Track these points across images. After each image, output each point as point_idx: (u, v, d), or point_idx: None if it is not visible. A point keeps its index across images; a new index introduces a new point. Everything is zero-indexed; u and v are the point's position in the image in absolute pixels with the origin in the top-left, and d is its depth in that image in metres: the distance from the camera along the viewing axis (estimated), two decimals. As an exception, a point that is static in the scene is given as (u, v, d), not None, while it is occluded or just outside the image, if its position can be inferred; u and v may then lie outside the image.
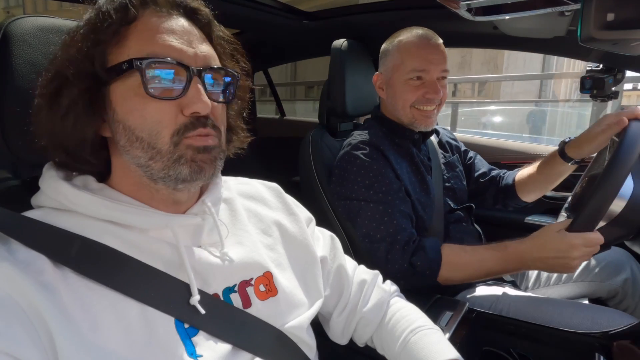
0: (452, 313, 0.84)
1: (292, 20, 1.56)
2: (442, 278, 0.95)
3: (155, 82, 0.46)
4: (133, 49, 0.46)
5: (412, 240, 0.97)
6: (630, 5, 0.63)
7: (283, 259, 0.63)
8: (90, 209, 0.48)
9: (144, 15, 0.48)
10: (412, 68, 1.05)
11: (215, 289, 0.54)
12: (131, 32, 0.47)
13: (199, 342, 0.49)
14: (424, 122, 1.09)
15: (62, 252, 0.45)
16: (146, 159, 0.48)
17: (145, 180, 0.50)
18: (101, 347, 0.43)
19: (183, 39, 0.48)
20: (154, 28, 0.47)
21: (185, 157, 0.48)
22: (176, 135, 0.48)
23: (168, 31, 0.48)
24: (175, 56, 0.47)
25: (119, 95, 0.47)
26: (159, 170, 0.48)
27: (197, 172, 0.49)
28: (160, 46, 0.47)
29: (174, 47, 0.47)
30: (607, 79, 1.14)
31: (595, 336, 0.82)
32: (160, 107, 0.47)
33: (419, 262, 0.94)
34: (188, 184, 0.50)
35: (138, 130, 0.47)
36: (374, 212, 1.00)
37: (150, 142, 0.47)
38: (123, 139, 0.48)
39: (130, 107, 0.47)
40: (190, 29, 0.50)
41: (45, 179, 0.50)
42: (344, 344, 0.74)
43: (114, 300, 0.45)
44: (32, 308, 0.41)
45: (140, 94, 0.46)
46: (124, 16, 0.46)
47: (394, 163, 1.06)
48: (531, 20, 1.05)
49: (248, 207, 0.65)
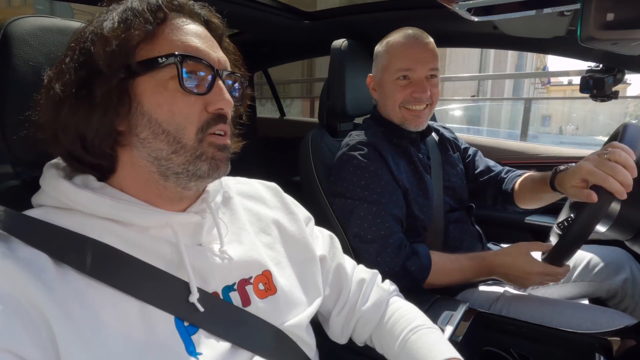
0: (452, 313, 0.84)
1: (292, 20, 1.56)
2: (427, 283, 0.98)
3: (189, 77, 0.49)
4: (165, 46, 0.49)
5: (404, 245, 0.98)
6: (630, 5, 0.63)
7: (282, 257, 0.64)
8: (91, 207, 0.48)
9: (172, 18, 0.51)
10: (399, 67, 1.05)
11: (215, 287, 0.54)
12: (161, 31, 0.50)
13: (198, 340, 0.50)
14: (414, 121, 1.09)
15: (62, 251, 0.45)
16: (169, 152, 0.49)
17: (155, 177, 0.51)
18: (102, 345, 0.43)
19: (207, 43, 0.52)
20: (183, 30, 0.51)
21: (206, 154, 0.51)
22: (200, 132, 0.50)
23: (195, 34, 0.51)
24: (204, 56, 0.50)
25: (148, 89, 0.48)
26: (179, 164, 0.50)
27: (215, 170, 0.52)
28: (190, 46, 0.50)
29: (201, 49, 0.51)
30: (607, 79, 1.14)
31: (595, 336, 0.82)
32: (188, 102, 0.49)
33: (413, 267, 0.96)
34: (202, 180, 0.52)
35: (165, 123, 0.48)
36: (366, 213, 1.00)
37: (176, 136, 0.49)
38: (146, 131, 0.49)
39: (159, 100, 0.48)
40: (209, 34, 0.55)
41: (46, 177, 0.51)
42: (343, 343, 0.74)
43: (114, 298, 0.46)
44: (33, 306, 0.41)
45: (171, 89, 0.48)
46: (157, 16, 0.49)
47: (392, 163, 1.06)
48: (531, 20, 1.05)
49: (247, 206, 0.65)
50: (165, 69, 0.48)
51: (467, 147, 1.34)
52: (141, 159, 0.50)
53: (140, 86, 0.48)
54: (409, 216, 1.06)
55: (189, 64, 0.49)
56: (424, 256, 0.98)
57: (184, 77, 0.48)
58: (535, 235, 1.60)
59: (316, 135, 1.22)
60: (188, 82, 0.49)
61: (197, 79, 0.50)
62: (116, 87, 0.47)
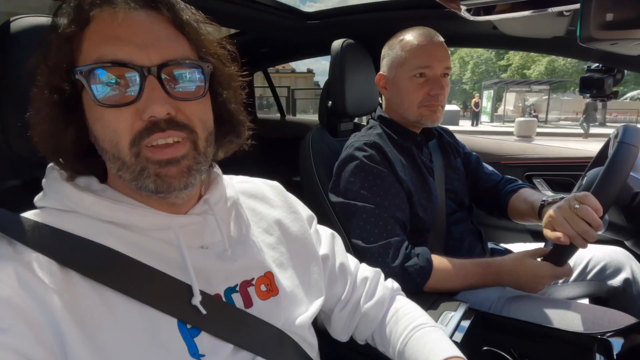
0: (452, 313, 0.84)
1: (292, 20, 1.56)
2: (427, 287, 0.97)
3: (102, 89, 0.43)
4: (83, 55, 0.44)
5: (405, 247, 0.98)
6: (630, 5, 0.63)
7: (284, 258, 0.63)
8: (93, 210, 0.48)
9: (98, 17, 0.44)
10: (417, 65, 1.06)
11: (217, 289, 0.54)
12: (85, 36, 0.44)
13: (201, 342, 0.49)
14: (431, 117, 1.09)
15: (67, 255, 0.45)
16: (115, 169, 0.47)
17: (133, 186, 0.49)
18: (106, 348, 0.43)
19: (137, 36, 0.44)
20: (104, 30, 0.44)
21: (148, 170, 0.45)
22: (133, 145, 0.45)
23: (119, 30, 0.44)
24: (124, 57, 0.43)
25: (86, 103, 0.46)
26: (129, 181, 0.47)
27: (164, 187, 0.46)
28: (106, 50, 0.43)
29: (121, 48, 0.43)
30: (607, 79, 1.14)
31: (595, 336, 0.82)
32: (116, 115, 0.44)
33: (412, 269, 0.95)
34: (163, 195, 0.47)
35: (101, 140, 0.46)
36: (368, 215, 1.00)
37: (114, 154, 0.46)
38: (98, 148, 0.48)
39: (93, 117, 0.46)
40: (149, 21, 0.46)
41: (49, 179, 0.50)
42: (345, 340, 0.74)
43: (116, 301, 0.46)
44: (41, 308, 0.41)
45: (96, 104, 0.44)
46: (78, 20, 0.44)
47: (396, 165, 1.06)
48: (531, 21, 1.05)
49: (250, 205, 0.65)
50: None
51: (468, 152, 1.34)
52: None
53: (84, 101, 0.47)
54: (413, 218, 1.06)
55: (97, 75, 0.43)
56: (424, 259, 0.98)
57: (96, 92, 0.43)
58: (535, 235, 1.60)
59: (316, 135, 1.22)
60: (103, 94, 0.43)
61: (119, 86, 0.43)
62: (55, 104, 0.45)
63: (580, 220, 0.83)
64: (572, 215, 0.85)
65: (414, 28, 1.10)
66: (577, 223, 0.84)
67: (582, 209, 0.83)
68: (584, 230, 0.83)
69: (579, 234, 0.83)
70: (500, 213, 1.26)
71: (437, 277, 0.97)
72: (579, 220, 0.83)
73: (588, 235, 0.83)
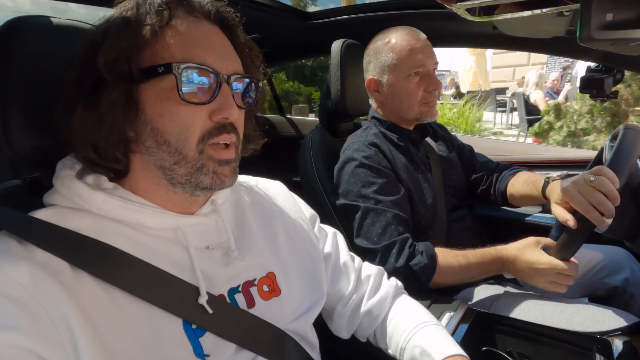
0: (452, 313, 0.84)
1: (292, 20, 1.56)
2: (432, 283, 0.97)
3: (189, 86, 0.47)
4: (167, 51, 0.47)
5: (409, 245, 0.98)
6: (630, 5, 0.63)
7: (287, 258, 0.64)
8: (104, 209, 0.48)
9: (177, 18, 0.48)
10: (411, 65, 1.08)
11: (221, 290, 0.54)
12: (165, 33, 0.48)
13: (205, 343, 0.50)
14: (430, 113, 1.13)
15: (76, 255, 0.45)
16: (171, 162, 0.48)
17: (164, 182, 0.51)
18: (117, 346, 0.44)
19: (214, 45, 0.50)
20: (187, 32, 0.48)
21: (207, 167, 0.49)
22: (201, 142, 0.49)
23: (200, 38, 0.49)
24: (209, 62, 0.48)
25: (150, 97, 0.47)
26: (182, 175, 0.49)
27: (218, 184, 0.51)
28: (194, 52, 0.48)
29: (207, 53, 0.48)
30: (607, 79, 1.14)
31: (595, 336, 0.82)
32: (191, 111, 0.48)
33: (416, 267, 0.95)
34: (207, 191, 0.52)
35: (167, 133, 0.48)
36: (372, 214, 1.00)
37: (177, 147, 0.48)
38: (150, 141, 0.48)
39: (161, 109, 0.47)
40: (220, 35, 0.52)
41: (60, 177, 0.50)
42: (346, 337, 0.74)
43: (124, 301, 0.46)
44: (52, 306, 0.41)
45: (172, 98, 0.47)
46: (160, 18, 0.47)
47: (395, 163, 1.07)
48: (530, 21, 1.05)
49: (253, 205, 0.65)
50: (166, 78, 0.47)
51: (461, 144, 1.35)
52: (150, 165, 0.50)
53: (143, 93, 0.48)
54: (414, 215, 1.07)
55: (189, 73, 0.47)
56: (427, 255, 0.97)
57: (184, 87, 0.46)
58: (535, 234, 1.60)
59: (316, 135, 1.22)
60: (189, 91, 0.47)
61: (199, 87, 0.48)
62: (121, 95, 0.46)
63: (596, 191, 0.79)
64: (587, 187, 0.81)
65: (395, 29, 1.13)
66: (592, 195, 0.79)
67: (598, 180, 0.79)
68: (600, 201, 0.78)
69: (595, 205, 0.79)
70: (500, 199, 1.24)
71: (441, 272, 0.97)
72: (595, 191, 0.79)
73: (604, 207, 0.78)
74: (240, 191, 0.65)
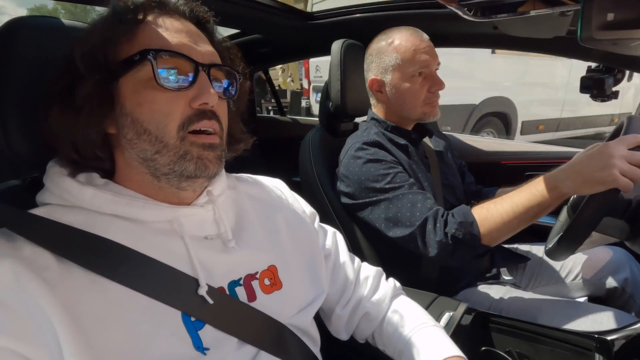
0: (452, 313, 0.84)
1: (292, 20, 1.56)
2: (485, 238, 0.89)
3: (166, 73, 0.48)
4: (144, 42, 0.48)
5: (441, 214, 0.94)
6: (630, 5, 0.63)
7: (288, 253, 0.63)
8: (95, 204, 0.48)
9: (153, 14, 0.50)
10: (416, 65, 1.08)
11: (221, 282, 0.54)
12: (142, 29, 0.49)
13: (205, 336, 0.50)
14: (432, 112, 1.13)
15: (66, 248, 0.45)
16: (152, 152, 0.48)
17: (148, 178, 0.51)
18: (106, 342, 0.43)
19: (190, 37, 0.51)
20: (164, 25, 0.50)
21: (191, 154, 0.49)
22: (182, 129, 0.49)
23: (177, 29, 0.50)
24: (185, 51, 0.49)
25: (129, 89, 0.48)
26: (164, 165, 0.49)
27: (202, 169, 0.50)
28: (170, 41, 0.49)
29: (183, 43, 0.50)
30: (607, 79, 1.14)
31: (595, 336, 0.82)
32: (169, 98, 0.48)
33: (453, 230, 0.90)
34: (192, 181, 0.51)
35: (146, 122, 0.48)
36: (395, 202, 0.97)
37: (157, 135, 0.48)
38: (131, 132, 0.48)
39: (140, 99, 0.48)
40: (196, 30, 0.53)
41: (50, 175, 0.51)
42: (345, 339, 0.74)
43: (119, 294, 0.46)
44: (35, 305, 0.41)
45: (151, 86, 0.48)
46: (137, 15, 0.49)
47: (398, 161, 1.07)
48: (531, 20, 1.05)
49: (253, 202, 0.65)
50: (143, 68, 0.48)
51: (457, 155, 1.38)
52: (132, 160, 0.50)
53: (122, 87, 0.48)
54: None
55: (166, 59, 0.47)
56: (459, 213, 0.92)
57: (160, 73, 0.47)
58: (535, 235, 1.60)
59: (316, 135, 1.22)
60: (166, 77, 0.47)
61: (177, 74, 0.48)
62: (95, 89, 0.47)
63: None
64: None
65: (398, 30, 1.13)
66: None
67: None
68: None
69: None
70: None
71: (485, 223, 0.89)
72: None
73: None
74: (241, 186, 0.65)
